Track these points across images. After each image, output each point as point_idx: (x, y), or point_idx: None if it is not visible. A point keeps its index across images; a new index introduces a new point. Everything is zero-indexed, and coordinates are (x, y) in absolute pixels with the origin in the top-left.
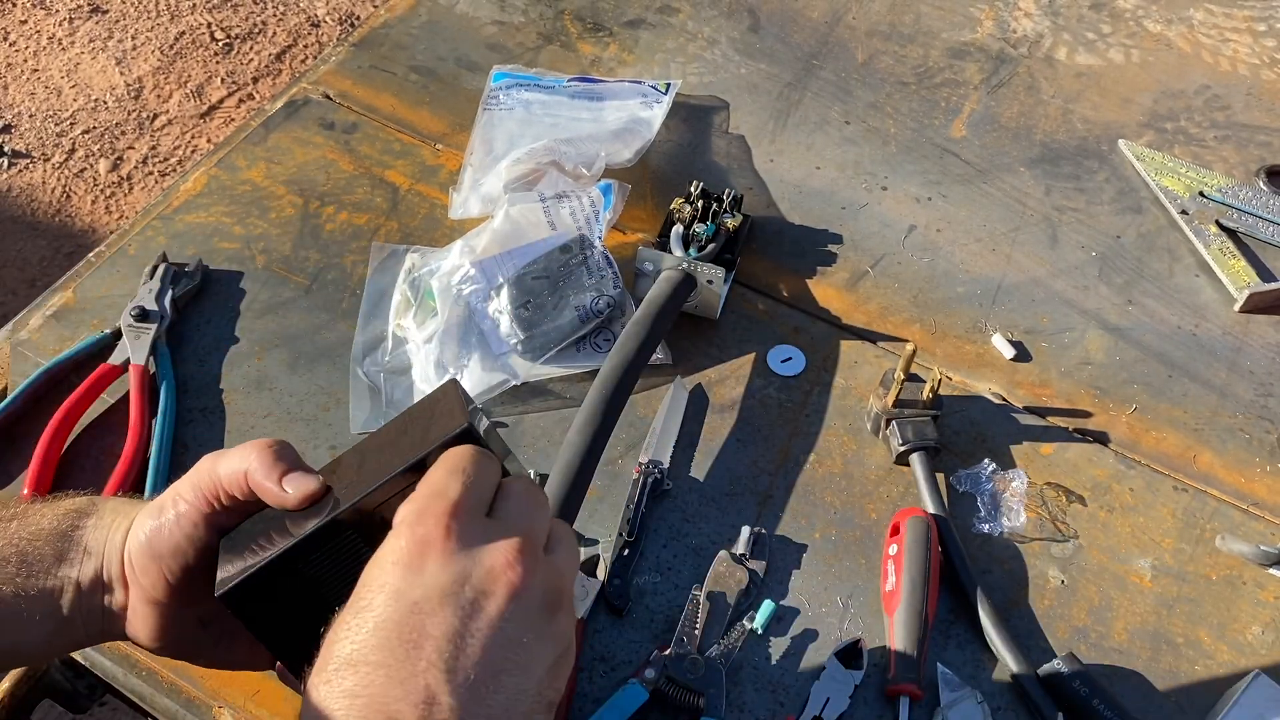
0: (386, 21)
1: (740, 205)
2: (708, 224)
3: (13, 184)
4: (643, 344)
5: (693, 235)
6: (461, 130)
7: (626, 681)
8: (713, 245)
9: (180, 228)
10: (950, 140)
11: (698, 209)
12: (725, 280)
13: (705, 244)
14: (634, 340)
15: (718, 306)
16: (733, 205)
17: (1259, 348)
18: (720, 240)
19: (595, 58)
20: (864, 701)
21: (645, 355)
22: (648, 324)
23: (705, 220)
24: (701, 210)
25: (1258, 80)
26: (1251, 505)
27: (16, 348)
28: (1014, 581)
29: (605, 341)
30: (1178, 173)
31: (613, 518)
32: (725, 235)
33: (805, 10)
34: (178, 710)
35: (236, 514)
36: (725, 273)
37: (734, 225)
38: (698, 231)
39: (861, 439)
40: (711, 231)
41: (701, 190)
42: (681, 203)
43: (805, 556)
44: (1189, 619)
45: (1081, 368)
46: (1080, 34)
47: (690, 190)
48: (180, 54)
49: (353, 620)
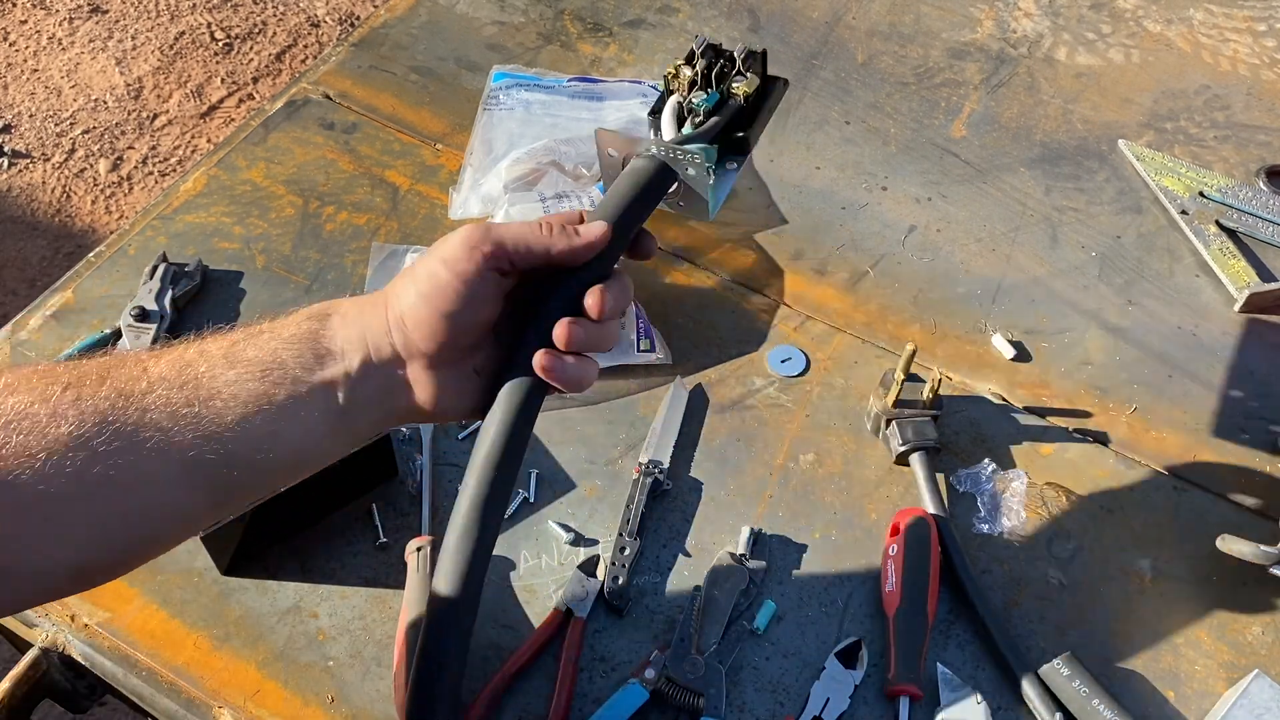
0: (386, 21)
1: (765, 63)
2: (709, 92)
3: (12, 184)
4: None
5: (689, 108)
6: (461, 130)
7: (626, 681)
8: (715, 120)
9: (180, 228)
10: (950, 140)
11: (700, 73)
12: (723, 168)
13: (705, 119)
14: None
15: (710, 203)
16: (750, 64)
17: (1259, 348)
18: (727, 113)
19: (595, 58)
20: (864, 701)
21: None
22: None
23: (710, 87)
24: (704, 74)
25: (1258, 80)
26: (1252, 505)
27: (16, 348)
28: (1014, 581)
29: None
30: (1178, 173)
31: (613, 518)
32: (735, 107)
33: (805, 10)
34: (178, 710)
35: (512, 276)
36: (721, 156)
37: (746, 91)
38: (694, 103)
39: (861, 439)
40: (713, 102)
41: (708, 46)
42: (680, 64)
43: (805, 556)
44: (1189, 619)
45: (1081, 368)
46: (1080, 34)
47: (694, 48)
48: (180, 54)
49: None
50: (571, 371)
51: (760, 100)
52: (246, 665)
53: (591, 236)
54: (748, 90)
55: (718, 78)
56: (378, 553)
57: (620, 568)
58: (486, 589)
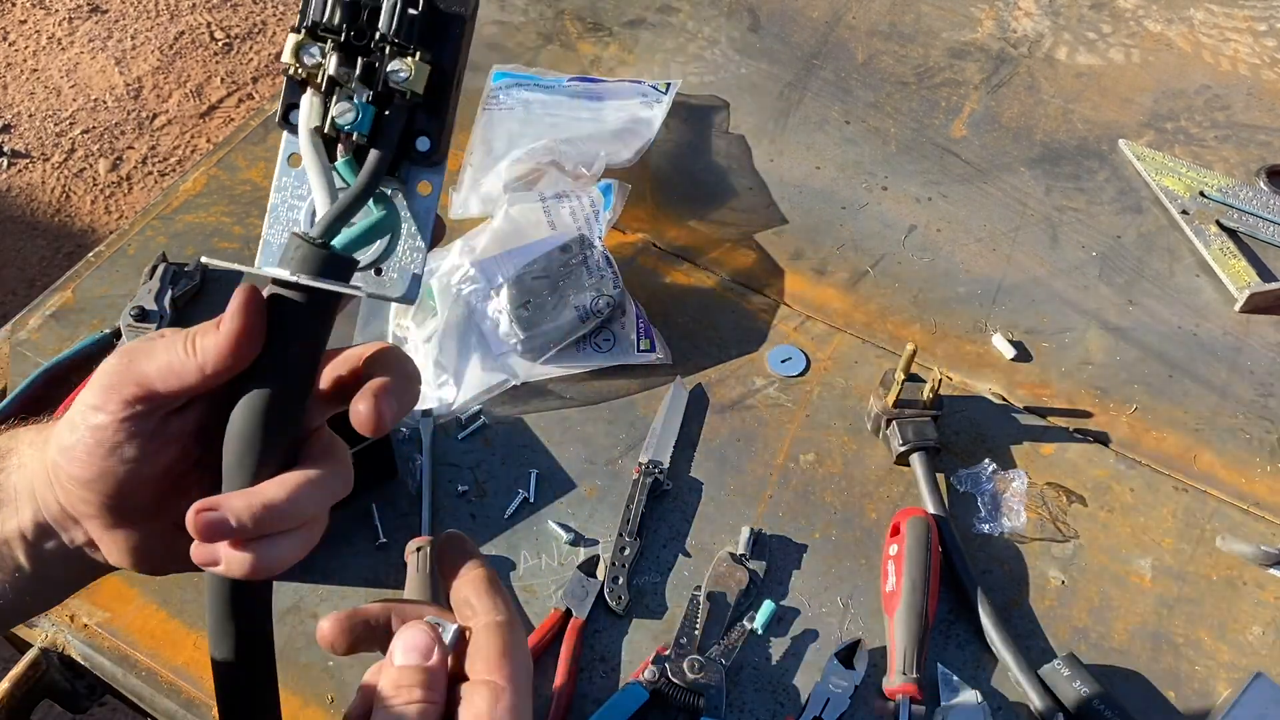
0: None
1: (444, 21)
2: (355, 100)
3: (12, 184)
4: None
5: (331, 128)
6: (461, 130)
7: (627, 681)
8: (375, 156)
9: (180, 228)
10: (950, 140)
11: (332, 60)
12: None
13: (356, 150)
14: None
15: (402, 287)
16: (412, 27)
17: (1259, 348)
18: (394, 127)
19: (595, 58)
20: (864, 702)
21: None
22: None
23: (358, 82)
24: (345, 61)
25: (1258, 80)
26: (1252, 505)
27: (16, 348)
28: (1014, 581)
29: (605, 341)
30: (1178, 173)
31: (613, 518)
32: (401, 112)
33: (805, 10)
34: (178, 710)
35: (164, 411)
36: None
37: (413, 87)
38: (339, 121)
39: (861, 439)
40: (366, 121)
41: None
42: (302, 41)
43: (805, 556)
44: (1189, 619)
45: (1082, 368)
46: (1080, 34)
47: (314, 10)
48: (180, 54)
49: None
50: (236, 565)
51: (443, 77)
52: None
53: (228, 332)
54: (414, 84)
55: (365, 67)
56: (377, 553)
57: (620, 568)
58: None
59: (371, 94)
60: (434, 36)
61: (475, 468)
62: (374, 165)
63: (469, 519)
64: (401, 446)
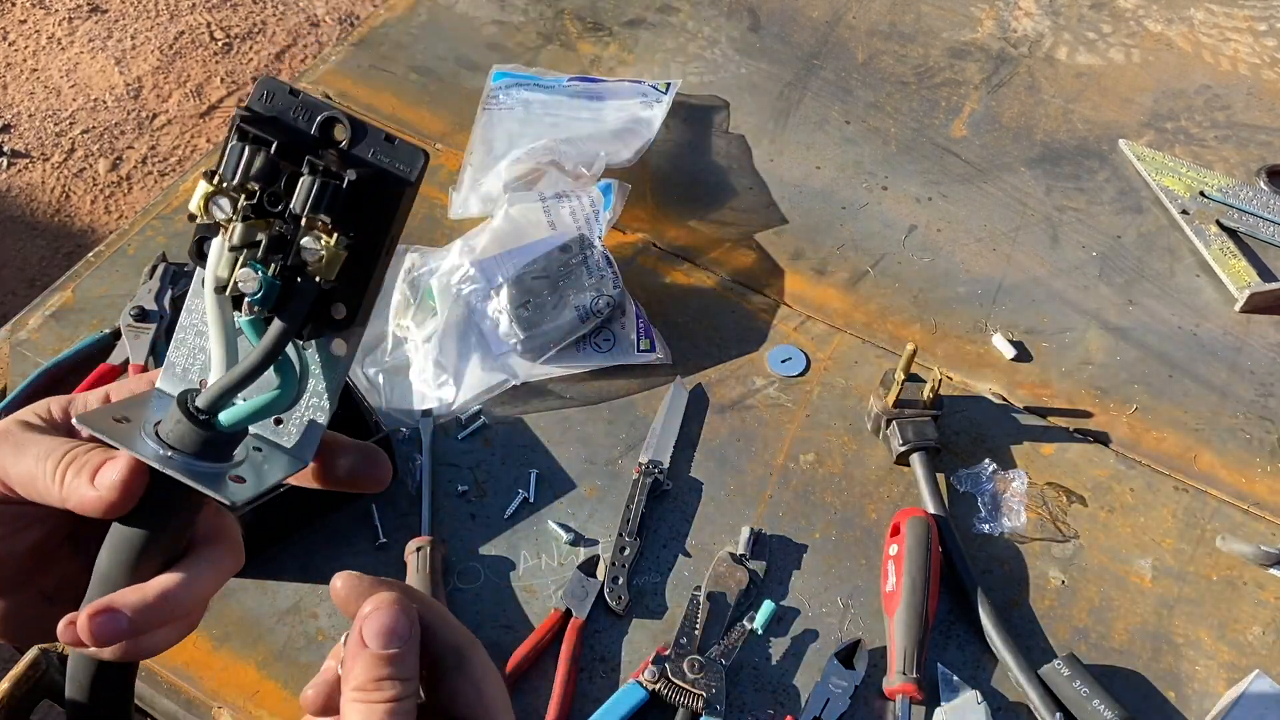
0: (386, 21)
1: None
2: (259, 268)
3: (12, 184)
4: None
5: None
6: (461, 130)
7: (627, 681)
8: (277, 329)
9: (180, 227)
10: (950, 140)
11: (237, 230)
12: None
13: (260, 322)
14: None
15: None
16: (334, 203)
17: (1259, 348)
18: (302, 300)
19: (595, 57)
20: (864, 702)
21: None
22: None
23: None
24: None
25: (1258, 80)
26: (1252, 505)
27: (16, 348)
28: (1014, 581)
29: (605, 341)
30: (1178, 173)
31: (613, 518)
32: (311, 286)
33: (805, 10)
34: (178, 710)
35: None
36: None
37: (322, 270)
38: (241, 288)
39: (861, 439)
40: (267, 293)
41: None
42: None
43: (805, 556)
44: (1189, 619)
45: (1082, 368)
46: (1080, 34)
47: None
48: (180, 53)
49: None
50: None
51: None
52: (246, 665)
53: (105, 489)
54: (323, 268)
55: (275, 237)
56: (377, 553)
57: (620, 568)
58: (487, 589)
59: (280, 266)
60: (364, 208)
61: (475, 468)
62: (273, 340)
63: (469, 519)
64: (401, 446)
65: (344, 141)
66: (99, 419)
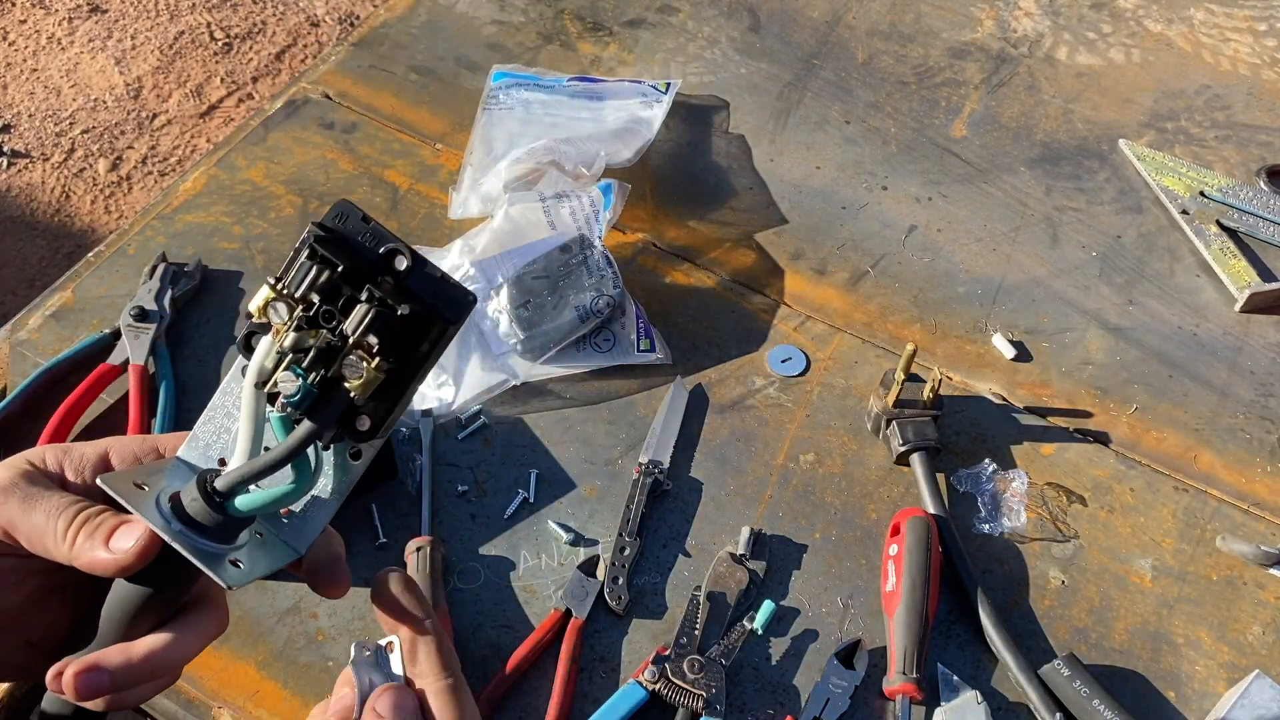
0: (386, 21)
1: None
2: (301, 375)
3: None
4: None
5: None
6: (461, 130)
7: (627, 681)
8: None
9: (180, 228)
10: (950, 140)
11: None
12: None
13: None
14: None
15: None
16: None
17: (1259, 348)
18: (333, 409)
19: (595, 57)
20: (864, 702)
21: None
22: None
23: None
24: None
25: (1258, 80)
26: (1252, 505)
27: (16, 348)
28: (1014, 581)
29: (605, 341)
30: (1178, 173)
31: (613, 518)
32: (343, 399)
33: (805, 10)
34: (178, 710)
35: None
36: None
37: (360, 389)
38: (281, 387)
39: (861, 439)
40: (303, 399)
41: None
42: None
43: (805, 556)
44: (1189, 619)
45: (1082, 368)
46: (1080, 34)
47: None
48: (180, 53)
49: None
50: (93, 704)
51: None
52: (246, 665)
53: (120, 554)
54: (359, 387)
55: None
56: (378, 553)
57: (620, 568)
58: (487, 589)
59: (320, 376)
60: (409, 339)
61: (475, 468)
62: (299, 441)
63: (469, 519)
64: (401, 446)
65: (403, 270)
66: (121, 483)
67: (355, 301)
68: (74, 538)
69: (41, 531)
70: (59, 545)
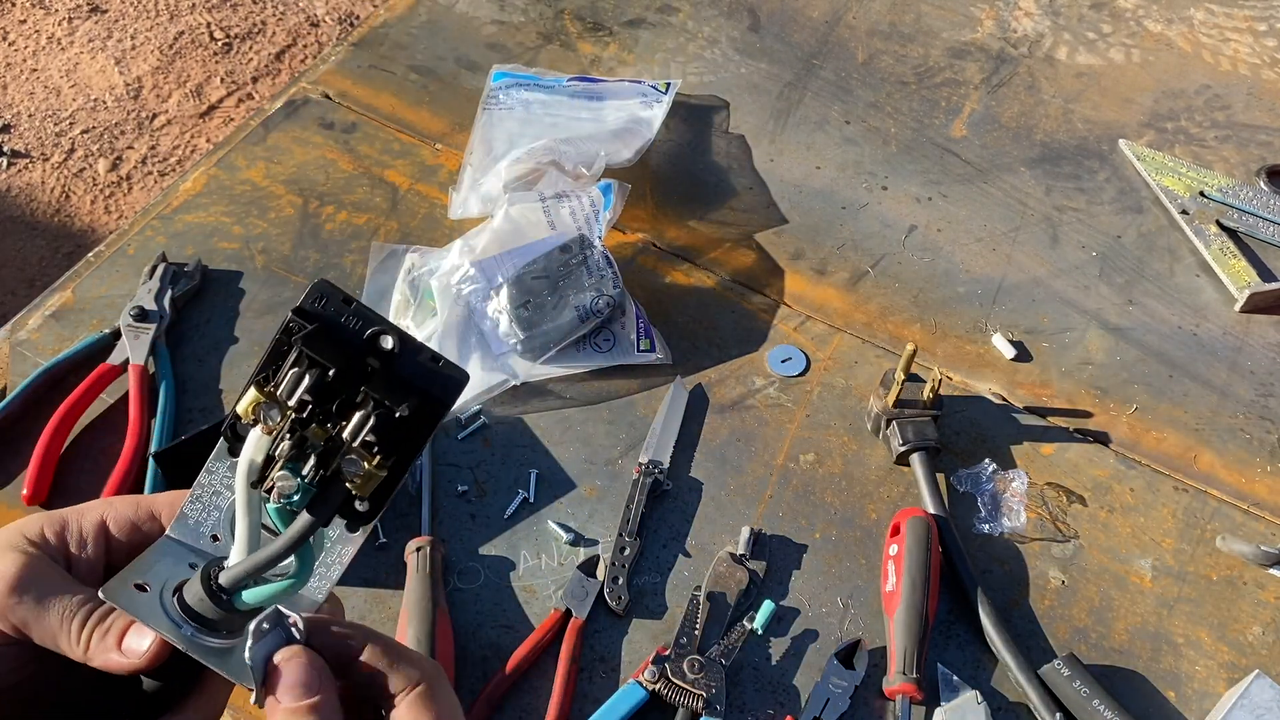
0: (386, 21)
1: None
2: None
3: (12, 184)
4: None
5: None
6: (461, 130)
7: (627, 681)
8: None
9: (180, 228)
10: (950, 140)
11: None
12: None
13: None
14: None
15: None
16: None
17: (1259, 348)
18: (332, 503)
19: (595, 57)
20: (864, 702)
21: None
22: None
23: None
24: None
25: (1258, 80)
26: (1252, 505)
27: (16, 348)
28: (1014, 582)
29: (605, 341)
30: (1178, 173)
31: (613, 518)
32: (342, 493)
33: (805, 10)
34: None
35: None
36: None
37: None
38: (278, 486)
39: (861, 439)
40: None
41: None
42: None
43: (805, 556)
44: (1189, 619)
45: (1082, 368)
46: (1080, 34)
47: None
48: (179, 54)
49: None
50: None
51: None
52: None
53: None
54: (360, 486)
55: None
56: (377, 553)
57: (620, 568)
58: (487, 589)
59: (317, 475)
60: (407, 436)
61: (475, 468)
62: (300, 533)
63: (469, 519)
64: None
65: (391, 351)
66: (121, 592)
67: (350, 403)
68: (87, 641)
69: (55, 634)
70: (73, 648)
